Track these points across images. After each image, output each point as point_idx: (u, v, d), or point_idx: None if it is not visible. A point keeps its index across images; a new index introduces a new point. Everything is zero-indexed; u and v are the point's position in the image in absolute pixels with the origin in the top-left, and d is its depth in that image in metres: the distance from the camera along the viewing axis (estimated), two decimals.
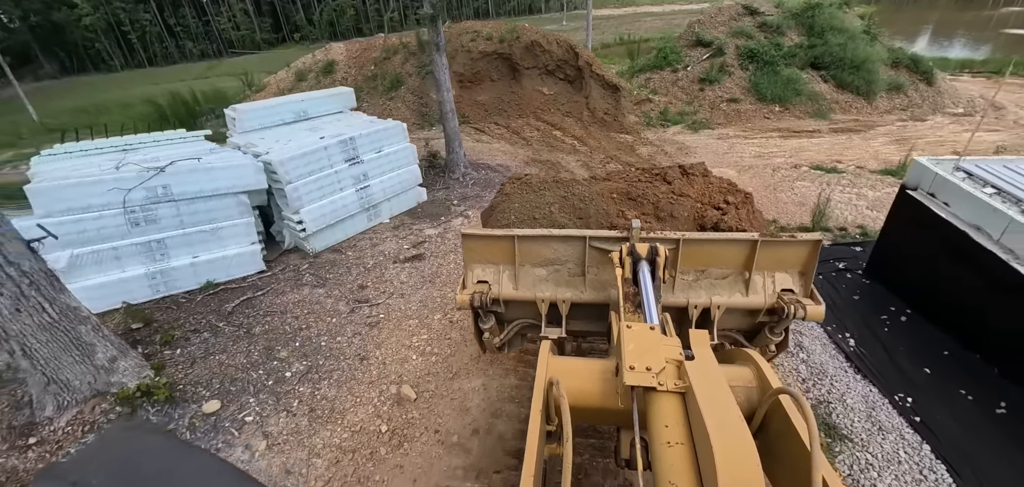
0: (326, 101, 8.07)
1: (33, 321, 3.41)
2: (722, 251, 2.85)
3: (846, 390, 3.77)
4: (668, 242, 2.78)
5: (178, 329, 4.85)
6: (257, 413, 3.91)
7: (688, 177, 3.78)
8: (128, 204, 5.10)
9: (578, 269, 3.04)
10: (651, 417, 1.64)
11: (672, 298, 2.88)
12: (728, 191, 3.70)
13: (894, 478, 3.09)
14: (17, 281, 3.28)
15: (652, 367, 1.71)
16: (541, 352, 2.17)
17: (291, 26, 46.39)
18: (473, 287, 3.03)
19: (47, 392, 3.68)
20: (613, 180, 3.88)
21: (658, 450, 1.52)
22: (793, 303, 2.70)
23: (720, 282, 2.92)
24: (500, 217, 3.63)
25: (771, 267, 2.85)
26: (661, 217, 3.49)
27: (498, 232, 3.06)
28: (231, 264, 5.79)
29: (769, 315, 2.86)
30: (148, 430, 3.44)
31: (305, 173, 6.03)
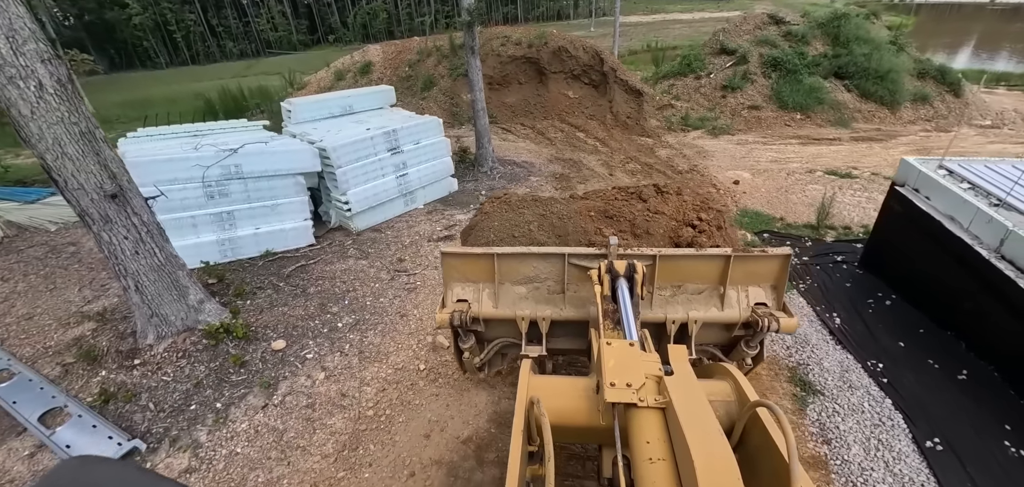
0: (369, 97, 8.97)
1: (146, 263, 4.30)
2: (697, 266, 2.96)
3: (824, 356, 4.32)
4: (645, 259, 2.86)
5: (247, 286, 5.73)
6: (316, 352, 4.71)
7: (663, 195, 3.96)
8: (206, 179, 6.03)
9: (558, 287, 3.09)
10: (632, 434, 1.65)
11: (650, 314, 2.95)
12: (701, 208, 3.91)
13: (855, 422, 3.65)
14: (138, 229, 4.16)
15: (632, 383, 1.73)
16: (521, 371, 2.17)
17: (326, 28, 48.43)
18: (453, 306, 3.02)
19: (150, 323, 4.57)
20: (590, 198, 4.09)
21: (640, 467, 1.53)
22: (767, 316, 2.79)
23: (696, 297, 3.02)
24: (480, 235, 3.70)
25: (744, 281, 2.96)
26: (638, 234, 3.61)
27: (478, 250, 3.08)
28: (287, 236, 6.68)
29: (744, 329, 2.95)
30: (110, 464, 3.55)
31: (353, 159, 6.89)
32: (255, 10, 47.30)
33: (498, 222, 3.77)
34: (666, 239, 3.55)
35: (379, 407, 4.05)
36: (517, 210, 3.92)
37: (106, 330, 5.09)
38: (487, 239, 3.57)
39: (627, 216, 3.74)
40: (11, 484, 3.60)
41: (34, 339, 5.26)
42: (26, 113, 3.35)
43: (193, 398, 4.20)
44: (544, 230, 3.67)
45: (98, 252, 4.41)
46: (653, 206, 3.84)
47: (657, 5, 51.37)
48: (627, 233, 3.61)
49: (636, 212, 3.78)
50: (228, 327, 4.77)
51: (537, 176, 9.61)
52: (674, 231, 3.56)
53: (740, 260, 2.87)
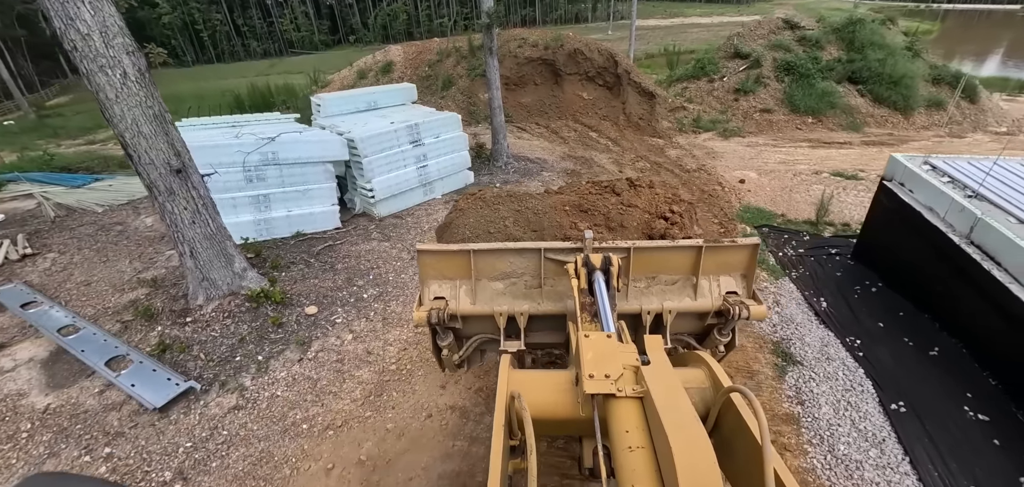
0: (392, 94, 9.60)
1: (201, 231, 4.92)
2: (670, 257, 3.05)
3: (807, 333, 4.74)
4: (620, 251, 2.92)
5: (281, 261, 6.35)
6: (344, 317, 5.28)
7: (635, 189, 4.06)
8: (246, 164, 6.68)
9: (535, 281, 3.14)
10: (612, 424, 1.70)
11: (626, 305, 3.03)
12: (673, 201, 4.02)
13: (828, 387, 4.06)
14: (196, 201, 4.79)
15: (611, 374, 1.77)
16: (501, 366, 2.21)
17: (347, 28, 49.69)
18: (430, 304, 3.06)
19: (201, 286, 5.20)
20: (565, 193, 4.16)
21: (620, 456, 1.58)
22: (737, 304, 2.90)
23: (670, 288, 3.11)
24: (455, 232, 3.73)
25: (716, 271, 3.07)
26: (612, 227, 3.66)
27: (454, 247, 3.10)
28: (316, 219, 7.30)
29: (717, 317, 3.06)
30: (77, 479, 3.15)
31: (378, 150, 7.48)
32: (279, 10, 48.78)
33: (474, 219, 3.83)
34: (640, 231, 3.64)
35: (401, 363, 4.60)
36: (492, 206, 3.96)
37: (159, 294, 5.75)
38: (463, 236, 3.60)
39: (601, 210, 3.85)
40: (85, 413, 4.23)
41: (94, 301, 5.95)
42: (111, 96, 3.99)
43: (238, 351, 4.80)
44: (520, 226, 3.73)
45: (160, 221, 5.03)
46: (626, 199, 3.98)
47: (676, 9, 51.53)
48: (602, 227, 3.69)
49: (610, 206, 3.89)
50: (267, 293, 5.38)
51: (549, 172, 10.11)
52: (647, 224, 3.68)
53: (711, 250, 2.97)
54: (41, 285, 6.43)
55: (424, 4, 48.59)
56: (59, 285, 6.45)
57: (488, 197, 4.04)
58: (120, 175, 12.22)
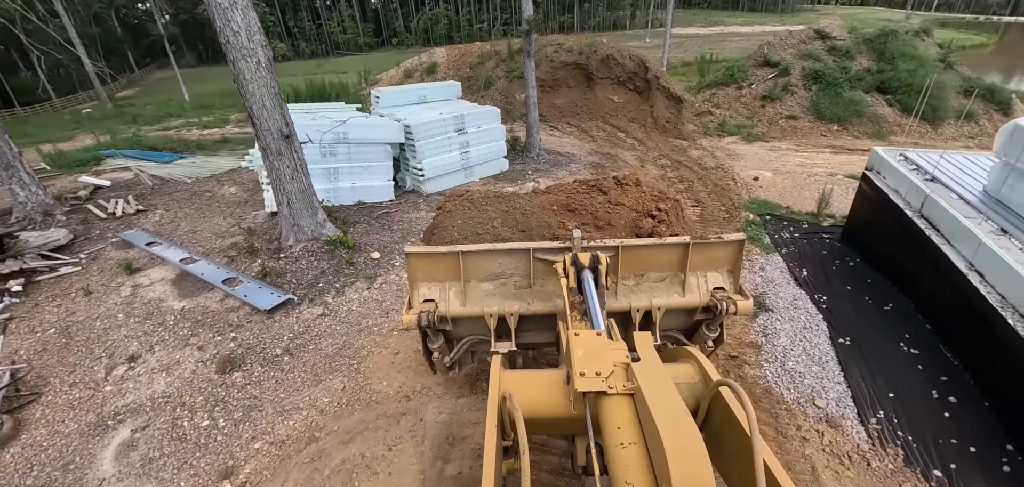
0: (440, 89, 11.08)
1: (296, 186, 6.41)
2: (658, 255, 3.11)
3: (782, 291, 5.77)
4: (608, 250, 2.98)
5: (349, 220, 7.84)
6: (401, 261, 6.66)
7: (622, 187, 4.14)
8: (322, 142, 8.21)
9: (524, 281, 3.17)
10: (604, 421, 1.74)
11: (615, 303, 3.07)
12: (659, 199, 4.08)
13: (789, 326, 5.11)
14: (295, 162, 6.29)
15: (601, 372, 1.82)
16: (492, 367, 2.24)
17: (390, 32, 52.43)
18: (420, 306, 3.08)
19: (292, 230, 6.70)
20: (552, 193, 4.26)
21: (612, 452, 1.61)
22: (725, 299, 2.97)
23: (658, 285, 3.17)
24: (443, 234, 3.76)
25: (703, 267, 3.13)
26: (600, 226, 3.72)
27: (443, 249, 3.12)
28: (375, 191, 8.77)
29: (705, 313, 3.12)
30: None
31: (428, 136, 8.91)
32: (327, 13, 52.00)
33: (461, 220, 3.84)
34: (627, 229, 3.69)
35: None
36: (480, 207, 3.98)
37: (255, 238, 7.32)
38: (451, 238, 3.62)
39: (589, 209, 3.92)
40: (212, 313, 5.73)
41: (202, 243, 7.57)
42: (248, 78, 5.51)
43: (320, 280, 6.24)
44: (507, 226, 3.76)
45: (267, 175, 6.55)
46: (614, 198, 4.04)
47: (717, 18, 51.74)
48: (590, 225, 3.75)
49: (597, 204, 3.96)
50: (341, 240, 6.83)
51: (576, 164, 11.32)
52: (634, 222, 3.75)
53: (698, 247, 3.04)
54: (156, 232, 8.13)
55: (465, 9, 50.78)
56: (171, 232, 8.14)
57: (475, 198, 4.11)
58: (199, 155, 14.24)
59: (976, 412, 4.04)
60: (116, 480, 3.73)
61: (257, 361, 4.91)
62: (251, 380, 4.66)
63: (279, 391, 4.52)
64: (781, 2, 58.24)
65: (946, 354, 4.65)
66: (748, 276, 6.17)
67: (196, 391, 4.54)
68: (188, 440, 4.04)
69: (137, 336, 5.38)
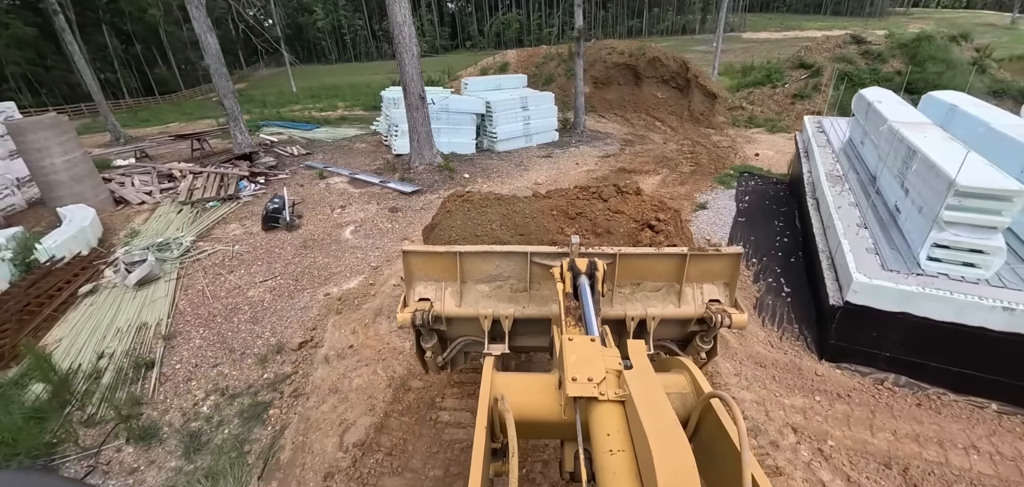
0: (511, 80, 15.71)
1: (423, 130, 11.15)
2: (655, 265, 3.26)
3: (721, 201, 9.58)
4: (606, 257, 3.14)
5: (448, 160, 12.48)
6: (484, 181, 11.13)
7: (623, 195, 4.25)
8: (434, 111, 12.93)
9: (521, 285, 3.35)
10: (593, 427, 1.83)
11: (611, 311, 3.24)
12: (659, 208, 4.19)
13: (714, 213, 8.95)
14: (424, 114, 10.96)
15: (593, 378, 1.92)
16: (485, 369, 2.35)
17: (465, 35, 58.58)
18: (415, 305, 3.25)
19: (418, 157, 11.44)
20: (553, 198, 4.35)
21: (601, 459, 1.69)
22: (720, 312, 3.13)
23: (654, 295, 3.33)
24: (442, 234, 3.92)
25: (699, 279, 3.31)
26: (598, 233, 3.88)
27: (440, 248, 3.29)
28: (463, 146, 13.42)
29: (699, 324, 3.29)
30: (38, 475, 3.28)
31: (502, 110, 13.41)
32: None
33: (460, 221, 3.99)
34: (626, 238, 3.85)
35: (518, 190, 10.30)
36: (480, 209, 4.13)
37: (392, 165, 12.15)
38: (449, 238, 3.80)
39: (589, 215, 4.06)
40: (375, 194, 10.45)
41: (355, 167, 12.50)
42: (406, 62, 10.25)
43: (434, 183, 10.90)
44: (506, 229, 3.92)
45: (407, 122, 11.35)
46: (614, 206, 4.18)
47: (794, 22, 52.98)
48: (588, 232, 3.91)
49: (597, 212, 4.08)
50: (445, 165, 11.47)
51: (611, 141, 15.38)
52: (633, 234, 3.92)
53: (695, 259, 3.22)
54: (324, 162, 13.23)
55: (536, 15, 55.88)
56: (334, 162, 13.21)
57: (475, 199, 4.24)
58: (325, 127, 19.80)
59: (793, 250, 7.75)
60: (352, 239, 8.40)
61: (406, 211, 9.54)
62: (403, 219, 9.27)
63: (415, 224, 9.08)
64: (868, 5, 58.01)
65: (797, 225, 8.32)
66: (705, 191, 9.98)
67: (379, 219, 9.23)
68: (379, 233, 8.68)
69: (340, 202, 10.24)
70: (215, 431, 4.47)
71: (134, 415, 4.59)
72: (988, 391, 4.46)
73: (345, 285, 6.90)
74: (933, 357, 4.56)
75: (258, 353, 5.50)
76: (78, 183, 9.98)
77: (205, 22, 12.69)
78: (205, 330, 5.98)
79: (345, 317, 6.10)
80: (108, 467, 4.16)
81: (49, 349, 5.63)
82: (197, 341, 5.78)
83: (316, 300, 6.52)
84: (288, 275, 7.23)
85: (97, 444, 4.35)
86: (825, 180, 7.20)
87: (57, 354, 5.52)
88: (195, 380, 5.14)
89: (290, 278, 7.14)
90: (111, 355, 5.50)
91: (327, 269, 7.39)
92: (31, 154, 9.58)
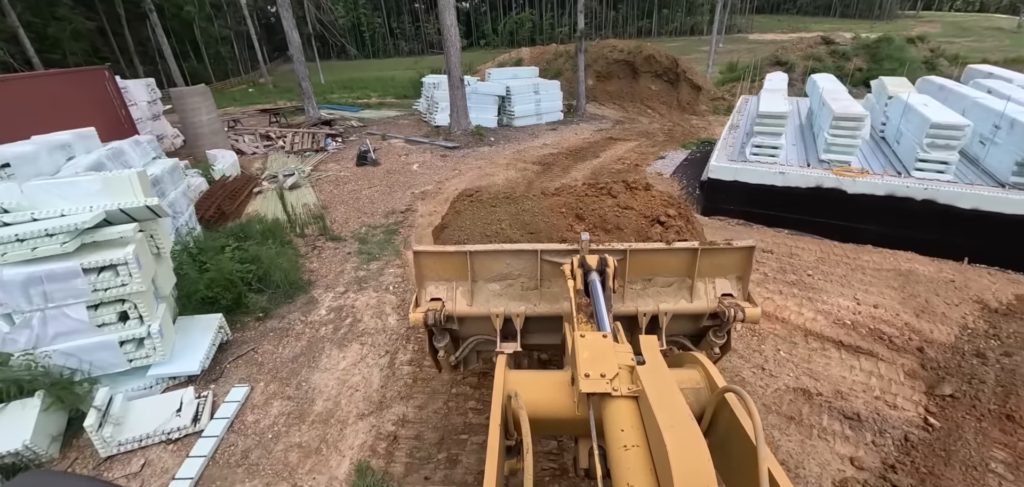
0: (525, 72, 20.37)
1: (462, 104, 15.81)
2: (666, 260, 3.43)
3: (676, 156, 14.03)
4: (616, 253, 3.30)
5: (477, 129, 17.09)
6: (503, 146, 15.72)
7: (631, 191, 4.56)
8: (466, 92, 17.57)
9: (531, 283, 3.53)
10: (607, 423, 1.93)
11: (622, 307, 3.40)
12: (668, 204, 4.47)
13: (667, 161, 13.40)
14: (463, 91, 15.62)
15: (606, 374, 2.02)
16: (497, 367, 2.48)
17: (479, 33, 63.50)
18: (426, 305, 3.45)
19: (457, 125, 16.15)
20: (562, 195, 4.59)
21: (615, 454, 1.78)
22: (733, 306, 3.26)
23: (666, 290, 3.50)
24: (452, 234, 4.14)
25: (711, 273, 3.47)
26: (608, 229, 4.10)
27: (451, 248, 3.48)
28: (487, 121, 18.05)
29: (712, 319, 3.44)
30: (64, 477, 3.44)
31: (518, 93, 18.08)
32: (426, 16, 64.28)
33: (470, 220, 4.26)
34: (636, 234, 4.11)
35: (523, 159, 14.83)
36: (489, 208, 4.44)
37: (436, 132, 16.78)
38: (459, 238, 4.05)
39: (598, 212, 4.37)
40: (429, 150, 15.03)
41: (407, 134, 17.13)
42: (451, 53, 14.90)
43: (470, 143, 15.50)
44: (516, 228, 4.21)
45: (448, 98, 15.95)
46: (623, 202, 4.50)
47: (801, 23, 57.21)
48: (598, 228, 4.18)
49: (606, 208, 4.40)
50: (477, 131, 16.06)
51: (606, 122, 19.92)
52: (643, 229, 4.19)
53: (707, 253, 3.37)
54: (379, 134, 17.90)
55: (548, 14, 60.68)
56: (388, 131, 17.88)
57: (484, 199, 4.48)
58: (368, 110, 24.53)
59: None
60: (419, 171, 12.99)
61: (451, 157, 14.10)
62: (450, 161, 13.81)
63: (460, 166, 13.60)
64: (877, 7, 62.13)
65: None
66: (668, 153, 14.41)
67: (434, 160, 13.84)
68: (436, 168, 13.27)
69: (402, 154, 14.82)
70: (371, 235, 9.03)
71: (326, 232, 9.16)
72: (782, 223, 8.86)
73: (422, 189, 11.52)
74: (754, 206, 8.97)
75: (381, 213, 10.11)
76: (215, 136, 14.68)
77: (291, 21, 17.46)
78: (344, 207, 10.58)
79: (425, 201, 10.68)
80: (321, 247, 8.69)
81: (253, 213, 10.23)
82: (342, 210, 10.38)
83: (407, 195, 11.13)
84: (384, 185, 11.86)
85: (312, 240, 8.91)
86: (727, 128, 11.69)
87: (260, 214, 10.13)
88: (349, 224, 9.71)
89: (385, 187, 11.75)
90: (295, 215, 10.08)
91: (409, 182, 12.04)
92: (187, 112, 14.29)
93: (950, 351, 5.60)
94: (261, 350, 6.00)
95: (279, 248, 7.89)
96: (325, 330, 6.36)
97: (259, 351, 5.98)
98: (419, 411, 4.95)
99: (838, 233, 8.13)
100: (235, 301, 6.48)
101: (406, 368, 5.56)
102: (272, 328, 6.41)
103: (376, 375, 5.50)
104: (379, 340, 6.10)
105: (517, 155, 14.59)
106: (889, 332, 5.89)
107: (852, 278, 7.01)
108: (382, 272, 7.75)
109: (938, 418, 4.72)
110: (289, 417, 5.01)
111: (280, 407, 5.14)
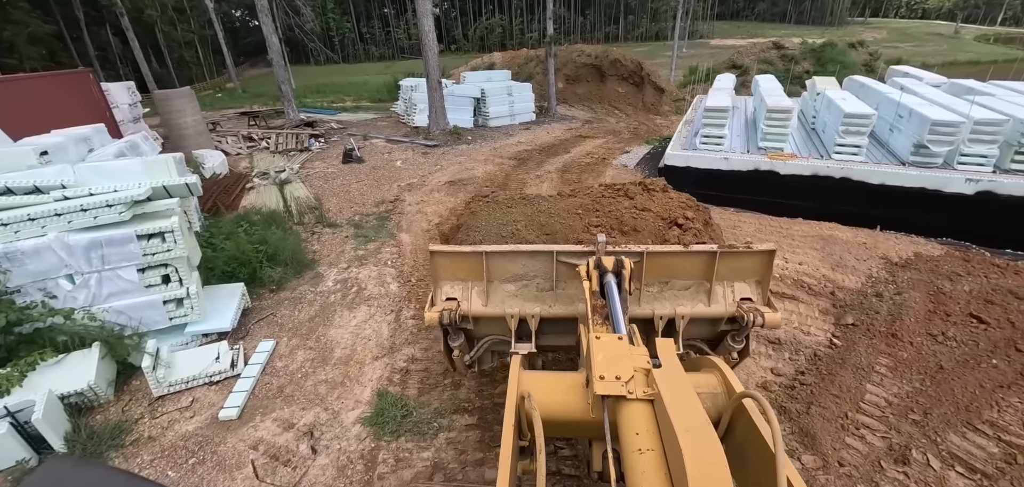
0: (499, 74, 21.63)
1: (440, 105, 16.88)
2: (684, 263, 3.40)
3: (636, 151, 15.40)
4: (633, 255, 3.29)
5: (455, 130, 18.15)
6: (480, 145, 16.83)
7: (649, 192, 4.54)
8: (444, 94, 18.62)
9: (547, 284, 3.55)
10: (622, 426, 1.92)
11: (638, 309, 3.39)
12: (687, 206, 4.47)
13: (630, 155, 14.75)
14: (441, 93, 16.68)
15: (621, 376, 2.01)
16: (512, 367, 2.50)
17: (450, 38, 64.50)
18: (442, 304, 3.48)
19: (435, 125, 17.19)
20: (578, 196, 4.62)
21: (630, 458, 1.77)
22: (752, 311, 3.22)
23: (683, 293, 3.47)
24: (467, 235, 4.19)
25: (730, 277, 3.45)
26: (625, 231, 4.09)
27: (467, 249, 3.51)
28: (464, 121, 19.16)
29: (730, 323, 3.41)
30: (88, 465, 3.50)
31: (493, 94, 19.26)
32: (396, 21, 64.93)
33: (485, 221, 4.32)
34: (653, 235, 4.08)
35: (499, 159, 15.96)
36: (505, 210, 4.48)
37: (415, 132, 17.75)
38: (475, 239, 4.11)
39: (615, 213, 4.33)
40: (410, 149, 16.00)
41: (387, 134, 18.06)
42: (429, 55, 15.92)
43: (449, 141, 16.55)
44: (532, 229, 4.23)
45: (426, 99, 16.95)
46: (640, 203, 4.50)
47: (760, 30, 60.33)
48: (615, 230, 4.15)
49: (623, 209, 4.36)
50: (456, 131, 17.11)
51: (575, 121, 21.27)
52: (660, 231, 4.19)
53: (726, 256, 3.35)
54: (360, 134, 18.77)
55: (518, 19, 62.20)
56: (368, 132, 18.76)
57: (500, 200, 4.57)
58: (345, 112, 25.27)
59: None
60: (402, 167, 13.96)
61: (432, 154, 15.12)
62: (431, 158, 14.83)
63: (438, 164, 14.64)
64: (828, 15, 65.91)
65: None
66: (633, 149, 15.77)
67: (416, 158, 14.83)
68: (418, 164, 14.27)
69: (385, 153, 15.75)
70: (365, 221, 9.98)
71: (323, 220, 10.07)
72: (728, 203, 10.21)
73: (408, 182, 12.53)
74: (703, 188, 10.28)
75: (372, 203, 11.08)
76: (200, 136, 15.30)
77: (271, 26, 18.18)
78: (336, 199, 11.49)
79: (412, 192, 11.68)
80: (319, 232, 9.60)
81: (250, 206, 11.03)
82: (335, 201, 11.29)
83: (393, 187, 12.11)
84: (371, 180, 12.80)
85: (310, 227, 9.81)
86: (682, 122, 13.10)
87: (258, 206, 10.94)
88: (343, 212, 10.64)
89: (372, 181, 12.70)
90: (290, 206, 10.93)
91: (394, 177, 13.01)
92: (172, 114, 14.87)
93: (856, 294, 6.97)
94: (279, 314, 6.93)
95: (282, 233, 8.78)
96: (334, 297, 7.33)
97: (277, 315, 6.91)
98: (425, 352, 5.99)
99: (774, 209, 9.53)
100: (251, 275, 7.37)
101: (411, 322, 6.60)
102: (286, 298, 7.34)
103: (385, 328, 6.52)
104: (384, 303, 7.11)
105: (494, 152, 15.71)
106: (809, 281, 7.25)
107: (783, 243, 8.37)
108: (379, 251, 8.73)
109: (841, 340, 6.04)
110: (313, 362, 5.98)
111: (304, 355, 6.10)
